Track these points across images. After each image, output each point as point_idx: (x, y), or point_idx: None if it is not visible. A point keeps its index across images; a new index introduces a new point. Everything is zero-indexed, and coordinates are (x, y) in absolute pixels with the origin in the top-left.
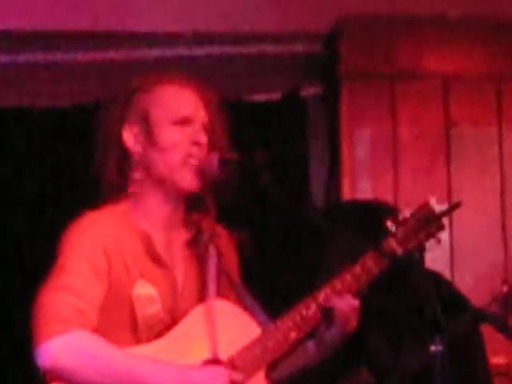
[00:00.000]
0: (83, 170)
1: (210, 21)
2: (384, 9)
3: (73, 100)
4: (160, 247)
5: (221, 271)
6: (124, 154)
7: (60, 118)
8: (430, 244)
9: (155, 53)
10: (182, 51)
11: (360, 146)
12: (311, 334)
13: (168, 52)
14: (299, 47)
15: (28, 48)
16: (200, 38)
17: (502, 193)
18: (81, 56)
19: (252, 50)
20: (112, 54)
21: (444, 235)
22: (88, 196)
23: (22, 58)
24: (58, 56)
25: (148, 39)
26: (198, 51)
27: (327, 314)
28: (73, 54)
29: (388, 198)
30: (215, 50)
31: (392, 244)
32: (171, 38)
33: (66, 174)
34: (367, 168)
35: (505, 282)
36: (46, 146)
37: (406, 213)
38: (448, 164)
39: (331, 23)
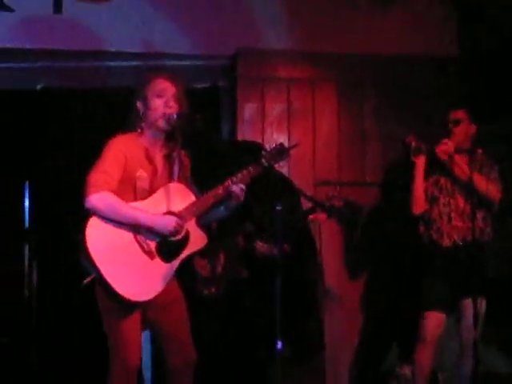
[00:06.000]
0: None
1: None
2: (262, 45)
3: None
4: (151, 154)
5: (180, 170)
6: (137, 112)
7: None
8: (281, 163)
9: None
10: (160, 63)
11: (246, 113)
12: (221, 203)
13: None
14: (222, 61)
15: None
16: (163, 56)
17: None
18: None
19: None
20: None
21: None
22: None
23: None
24: None
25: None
26: (157, 63)
27: (230, 192)
28: None
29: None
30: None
31: (264, 161)
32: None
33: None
34: (249, 126)
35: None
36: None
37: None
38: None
39: (234, 49)
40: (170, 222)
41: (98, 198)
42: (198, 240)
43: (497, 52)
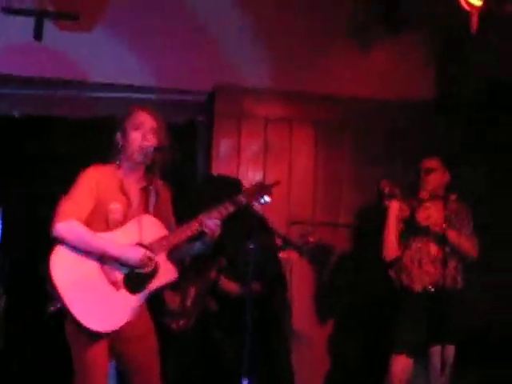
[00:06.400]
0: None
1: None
2: (240, 83)
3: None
4: (126, 186)
5: (156, 203)
6: (117, 144)
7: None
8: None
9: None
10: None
11: (221, 149)
12: (197, 238)
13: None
14: (200, 97)
15: None
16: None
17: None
18: None
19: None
20: None
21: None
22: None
23: None
24: None
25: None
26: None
27: (204, 227)
28: None
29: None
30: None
31: (242, 198)
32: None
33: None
34: (224, 161)
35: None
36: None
37: (248, 184)
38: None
39: (211, 86)
40: (137, 254)
41: (64, 227)
42: (167, 273)
43: (477, 95)
